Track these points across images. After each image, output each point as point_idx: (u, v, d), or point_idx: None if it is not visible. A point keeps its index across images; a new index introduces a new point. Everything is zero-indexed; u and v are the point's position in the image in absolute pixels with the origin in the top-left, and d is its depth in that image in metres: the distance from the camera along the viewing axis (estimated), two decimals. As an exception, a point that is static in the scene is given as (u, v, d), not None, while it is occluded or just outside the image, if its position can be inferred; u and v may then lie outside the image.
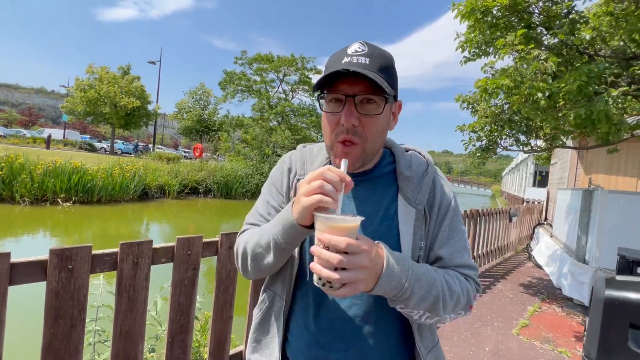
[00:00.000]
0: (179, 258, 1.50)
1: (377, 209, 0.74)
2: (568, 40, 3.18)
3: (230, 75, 26.63)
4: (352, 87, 0.66)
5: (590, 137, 3.28)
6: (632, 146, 6.08)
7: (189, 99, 30.76)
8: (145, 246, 1.37)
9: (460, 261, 0.75)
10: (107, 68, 24.40)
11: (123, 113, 23.80)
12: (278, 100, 26.85)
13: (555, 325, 3.64)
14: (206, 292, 1.74)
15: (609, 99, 2.63)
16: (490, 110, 3.64)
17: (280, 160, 0.87)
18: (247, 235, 0.78)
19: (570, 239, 5.14)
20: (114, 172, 12.08)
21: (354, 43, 0.69)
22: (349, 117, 0.65)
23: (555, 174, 9.51)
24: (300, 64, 26.73)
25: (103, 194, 11.52)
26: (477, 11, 3.08)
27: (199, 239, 1.56)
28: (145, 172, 13.57)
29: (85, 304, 1.22)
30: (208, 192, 15.95)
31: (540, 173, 17.21)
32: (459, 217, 0.79)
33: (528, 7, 3.26)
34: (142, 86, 25.18)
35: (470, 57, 3.85)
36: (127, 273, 1.33)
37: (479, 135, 4.18)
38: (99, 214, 10.20)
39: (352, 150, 0.68)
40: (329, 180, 0.57)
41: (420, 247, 0.73)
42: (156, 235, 9.08)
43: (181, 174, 15.14)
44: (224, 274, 1.69)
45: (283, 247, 0.68)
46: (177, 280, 1.51)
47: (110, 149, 27.12)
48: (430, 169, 0.78)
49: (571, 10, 3.36)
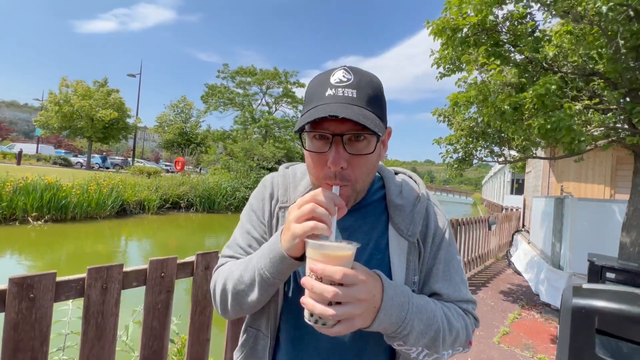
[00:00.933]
0: (151, 281, 1.45)
1: (367, 240, 0.68)
2: (533, 56, 3.37)
3: (212, 89, 26.55)
4: (339, 125, 0.58)
5: (559, 148, 3.45)
6: (599, 155, 6.43)
7: (170, 112, 30.33)
8: (115, 270, 1.32)
9: (459, 296, 0.70)
10: (82, 82, 23.81)
11: (100, 126, 23.15)
12: (261, 113, 26.89)
13: (534, 331, 3.72)
14: (185, 313, 1.68)
15: (570, 111, 2.80)
16: (465, 124, 3.78)
17: (260, 184, 0.80)
18: (226, 270, 0.70)
19: (546, 245, 5.32)
20: (90, 187, 11.65)
21: (337, 70, 0.62)
22: (337, 161, 0.58)
23: (530, 182, 9.89)
24: (284, 78, 27.01)
25: (78, 211, 11.06)
26: (448, 29, 3.23)
27: (173, 260, 1.52)
28: (124, 187, 13.17)
29: (48, 335, 1.15)
30: (190, 207, 15.60)
31: (517, 181, 17.86)
32: (454, 247, 0.73)
33: (496, 26, 3.44)
34: (120, 98, 24.66)
35: (445, 72, 4.01)
36: (95, 299, 1.28)
37: (456, 148, 4.32)
38: (74, 233, 9.77)
39: (342, 192, 0.61)
40: (321, 203, 0.53)
41: (413, 282, 0.67)
42: (135, 253, 8.75)
43: (162, 189, 14.77)
44: (200, 295, 1.65)
45: (270, 283, 0.61)
46: (150, 304, 1.46)
47: (87, 164, 26.22)
48: (422, 197, 0.72)
49: (535, 30, 3.57)
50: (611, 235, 4.10)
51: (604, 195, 6.51)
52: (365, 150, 0.61)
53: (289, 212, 0.59)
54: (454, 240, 0.75)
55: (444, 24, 3.23)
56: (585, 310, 1.42)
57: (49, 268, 4.63)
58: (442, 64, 3.92)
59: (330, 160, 0.59)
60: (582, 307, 1.43)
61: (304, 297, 0.52)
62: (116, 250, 8.75)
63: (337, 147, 0.59)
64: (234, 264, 0.71)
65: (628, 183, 6.31)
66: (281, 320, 0.71)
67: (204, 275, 1.65)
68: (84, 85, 23.50)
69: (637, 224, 3.22)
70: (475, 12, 3.05)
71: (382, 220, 0.70)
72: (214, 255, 1.69)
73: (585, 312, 1.42)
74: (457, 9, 3.31)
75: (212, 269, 1.70)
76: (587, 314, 1.42)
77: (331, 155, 0.59)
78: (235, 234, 0.78)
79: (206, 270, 1.66)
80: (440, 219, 0.73)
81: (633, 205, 3.27)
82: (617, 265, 2.73)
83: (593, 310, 1.41)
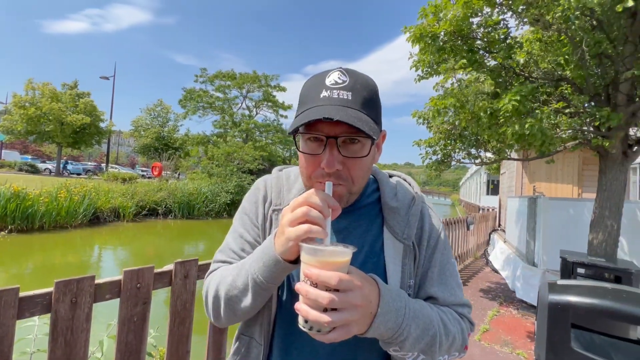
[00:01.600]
0: (126, 293, 1.38)
1: (362, 244, 0.67)
2: (506, 63, 3.52)
3: (190, 93, 26.01)
4: (334, 127, 0.57)
5: (531, 149, 3.60)
6: (568, 156, 6.78)
7: (146, 116, 29.42)
8: (85, 283, 1.25)
9: (455, 299, 0.69)
10: (49, 84, 22.67)
11: (70, 131, 22.08)
12: (242, 117, 26.59)
13: (512, 327, 3.84)
14: (163, 324, 1.61)
15: (542, 116, 2.93)
16: (443, 127, 3.87)
17: (253, 187, 0.79)
18: (219, 276, 0.68)
19: (521, 243, 5.53)
20: (59, 195, 11.06)
21: (332, 72, 0.61)
22: (331, 163, 0.58)
23: (505, 183, 10.28)
24: (264, 81, 26.85)
25: (46, 220, 10.47)
26: (426, 36, 3.31)
27: (149, 270, 1.45)
28: (97, 194, 12.59)
29: (10, 354, 1.07)
30: (168, 213, 15.13)
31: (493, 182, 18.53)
32: (449, 250, 0.73)
33: (470, 33, 3.57)
34: (92, 102, 23.66)
35: (423, 75, 4.11)
36: (63, 315, 1.20)
37: (435, 150, 4.42)
38: (41, 243, 9.22)
39: (336, 191, 0.60)
40: (315, 205, 0.52)
41: (409, 286, 0.66)
42: (110, 262, 8.37)
43: (138, 195, 14.25)
44: (179, 305, 1.58)
45: (264, 287, 0.60)
46: (125, 318, 1.39)
47: (57, 170, 24.93)
48: (417, 199, 0.72)
49: (507, 37, 3.73)
50: (580, 232, 4.32)
51: (572, 194, 6.87)
52: (360, 153, 0.61)
53: (282, 215, 0.58)
54: (448, 243, 0.75)
55: (421, 30, 3.31)
56: (561, 305, 1.47)
57: (12, 282, 4.36)
58: (420, 67, 4.02)
59: (324, 162, 0.58)
60: (557, 302, 1.48)
61: (298, 303, 0.50)
62: (88, 260, 8.33)
63: (332, 150, 0.59)
64: (227, 269, 0.69)
65: (594, 182, 6.69)
66: (275, 327, 0.70)
67: (183, 284, 1.59)
68: (51, 88, 22.37)
69: (603, 222, 3.40)
70: (452, 20, 3.15)
71: (377, 223, 0.70)
72: (194, 263, 1.63)
73: (561, 308, 1.47)
74: (433, 16, 3.40)
75: (191, 278, 1.65)
76: (562, 309, 1.47)
77: (325, 157, 0.59)
78: (227, 238, 0.77)
79: (185, 279, 1.60)
80: (435, 221, 0.73)
81: (599, 203, 3.45)
82: (586, 261, 2.87)
83: (567, 306, 1.46)
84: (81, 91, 23.97)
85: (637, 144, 3.33)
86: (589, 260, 2.86)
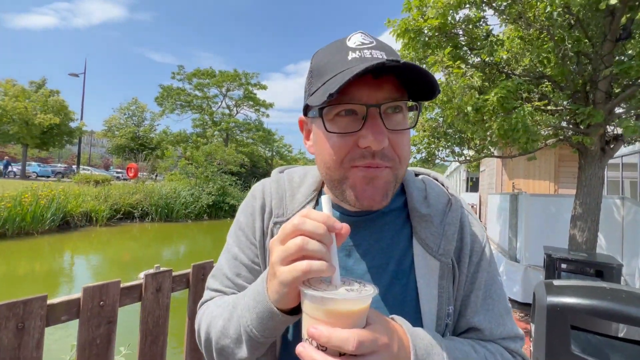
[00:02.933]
0: (86, 313, 1.20)
1: (387, 261, 0.54)
2: (489, 59, 3.52)
3: (167, 90, 25.21)
4: (375, 92, 0.46)
5: (514, 147, 3.63)
6: (545, 154, 6.98)
7: (120, 115, 28.22)
8: (34, 304, 1.06)
9: (504, 331, 0.55)
10: (13, 81, 21.27)
11: (38, 131, 20.82)
12: (222, 116, 26.03)
13: (497, 324, 3.86)
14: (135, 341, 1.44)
15: (525, 113, 2.94)
16: (428, 125, 3.84)
17: (249, 195, 0.66)
18: (210, 314, 0.57)
19: (502, 239, 5.62)
20: (23, 199, 10.35)
21: (352, 35, 0.51)
22: (379, 138, 0.45)
23: (484, 180, 10.52)
24: (245, 80, 26.39)
25: (9, 226, 9.76)
26: (411, 31, 3.26)
27: (114, 284, 1.28)
28: (66, 198, 11.89)
29: None
30: (145, 216, 14.53)
31: (472, 179, 19.02)
32: (495, 267, 0.58)
33: (453, 28, 3.54)
34: (62, 101, 22.41)
35: (406, 73, 4.07)
36: (7, 344, 1.01)
37: (419, 148, 4.40)
38: (3, 252, 8.57)
39: (380, 175, 0.48)
40: (311, 233, 0.39)
41: (448, 314, 0.53)
42: (83, 270, 7.89)
43: (112, 198, 13.60)
44: (150, 323, 1.42)
45: (261, 342, 0.48)
46: (86, 341, 1.21)
47: (22, 173, 23.46)
48: (454, 203, 0.57)
49: (489, 34, 3.74)
50: (560, 228, 4.41)
51: (549, 190, 7.09)
52: (405, 125, 0.49)
53: (270, 248, 0.44)
54: (494, 257, 0.61)
55: (406, 25, 3.25)
56: (560, 307, 1.42)
57: None
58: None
59: (370, 139, 0.45)
60: (556, 304, 1.43)
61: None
62: (59, 268, 7.81)
63: (376, 121, 0.46)
64: (218, 306, 0.57)
65: (570, 179, 6.93)
66: None
67: (155, 299, 1.42)
68: (17, 86, 20.99)
69: (584, 217, 3.47)
70: (436, 14, 3.10)
71: (405, 234, 0.56)
72: (167, 275, 1.46)
73: (560, 310, 1.41)
74: (418, 10, 3.35)
75: (165, 291, 1.48)
76: (561, 311, 1.41)
77: (370, 132, 0.45)
78: (220, 260, 0.64)
79: (157, 292, 1.43)
80: (477, 231, 0.58)
81: (579, 199, 3.51)
82: (569, 256, 2.90)
83: (566, 307, 1.41)
84: (49, 90, 22.66)
85: (615, 141, 3.42)
86: (572, 256, 2.89)
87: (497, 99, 2.87)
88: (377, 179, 0.48)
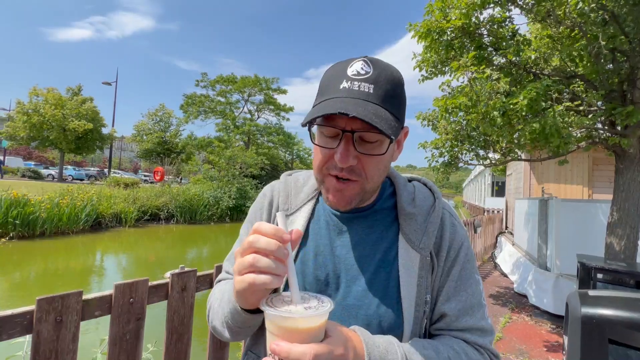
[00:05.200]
0: (117, 309, 1.26)
1: (374, 251, 0.62)
2: (515, 60, 3.39)
3: (191, 98, 26.09)
4: (350, 121, 0.53)
5: (543, 150, 3.47)
6: (577, 157, 6.62)
7: (148, 121, 29.46)
8: (71, 299, 1.13)
9: (470, 322, 0.59)
10: (54, 89, 22.72)
11: (73, 137, 22.11)
12: (244, 121, 26.61)
13: (526, 335, 3.68)
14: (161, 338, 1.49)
15: (555, 114, 2.81)
16: (451, 127, 3.75)
17: (260, 194, 0.77)
18: (214, 294, 0.69)
19: (531, 246, 5.36)
20: (61, 201, 10.99)
21: (356, 61, 0.56)
22: (345, 158, 0.54)
23: (511, 184, 10.10)
24: (265, 85, 26.89)
25: (48, 226, 10.39)
26: (433, 32, 3.20)
27: (143, 283, 1.33)
28: (99, 200, 12.53)
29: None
30: (170, 218, 15.05)
31: (497, 183, 18.33)
32: (473, 264, 0.65)
33: (477, 29, 3.45)
34: (94, 107, 23.71)
35: (427, 75, 4.00)
36: (46, 336, 1.08)
37: (441, 151, 4.29)
38: (42, 250, 9.14)
39: (347, 187, 0.57)
40: (262, 251, 0.44)
41: (425, 301, 0.59)
42: (113, 268, 8.27)
43: (140, 200, 14.18)
44: (176, 321, 1.46)
45: (238, 331, 0.59)
46: (117, 336, 1.27)
47: (59, 176, 24.96)
48: (437, 204, 0.65)
49: (515, 33, 3.61)
50: (594, 235, 4.16)
51: (583, 195, 6.70)
52: (376, 151, 0.56)
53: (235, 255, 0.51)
54: (473, 257, 0.67)
55: (428, 26, 3.20)
56: (596, 319, 1.33)
57: (16, 289, 4.18)
58: (424, 67, 3.91)
59: (338, 156, 0.54)
60: (592, 316, 1.35)
61: None
62: (91, 265, 8.22)
63: (347, 144, 0.55)
64: (220, 290, 0.68)
65: (605, 183, 6.53)
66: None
67: (181, 297, 1.47)
68: (55, 94, 22.43)
69: (622, 224, 3.25)
70: (459, 15, 3.04)
71: (392, 230, 0.64)
72: (192, 275, 1.51)
73: (596, 322, 1.33)
74: (440, 11, 3.29)
75: (189, 290, 1.52)
76: (597, 323, 1.33)
77: (339, 151, 0.54)
78: (234, 247, 0.75)
79: (183, 292, 1.48)
80: (458, 231, 0.65)
81: (617, 205, 3.30)
82: (606, 266, 2.72)
83: (603, 320, 1.33)
84: (84, 97, 24.04)
85: (656, 143, 3.19)
86: (609, 265, 2.71)
87: (526, 102, 2.76)
88: (345, 191, 0.57)
